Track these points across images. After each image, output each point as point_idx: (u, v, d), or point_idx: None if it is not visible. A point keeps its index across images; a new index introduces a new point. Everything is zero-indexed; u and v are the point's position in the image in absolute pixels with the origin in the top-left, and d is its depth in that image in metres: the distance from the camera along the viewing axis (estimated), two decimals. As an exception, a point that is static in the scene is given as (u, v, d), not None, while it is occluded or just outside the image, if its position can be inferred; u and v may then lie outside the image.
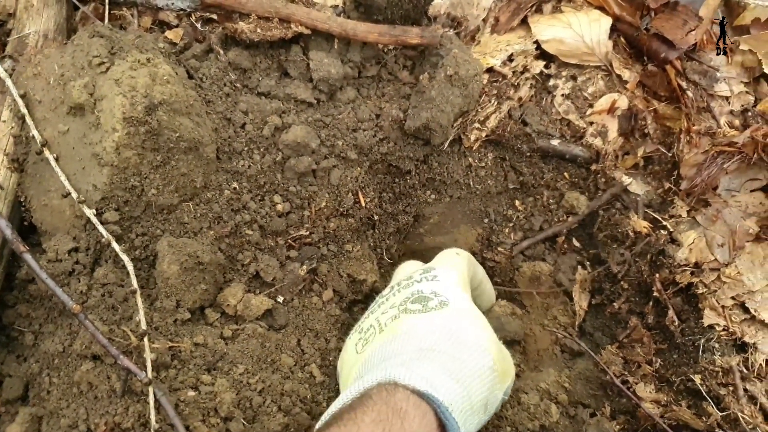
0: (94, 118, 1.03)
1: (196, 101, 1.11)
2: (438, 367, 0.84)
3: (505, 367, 0.95)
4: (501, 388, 0.92)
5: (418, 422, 0.74)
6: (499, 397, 0.92)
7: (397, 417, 0.73)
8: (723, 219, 1.18)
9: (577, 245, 1.30)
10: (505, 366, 0.94)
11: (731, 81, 1.26)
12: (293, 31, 1.18)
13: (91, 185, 1.03)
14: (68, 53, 1.07)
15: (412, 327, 0.93)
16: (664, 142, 1.28)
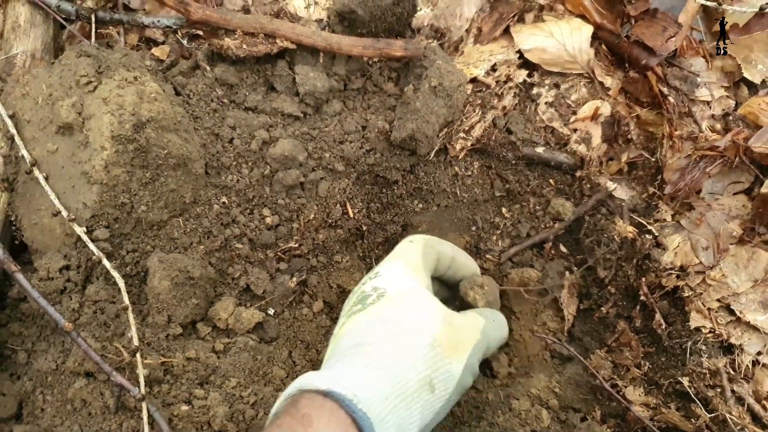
0: (82, 136, 1.04)
1: (184, 118, 1.12)
2: (361, 359, 0.86)
3: (457, 340, 0.93)
4: (452, 363, 0.91)
5: (325, 422, 0.73)
6: (453, 371, 0.91)
7: (299, 424, 0.72)
8: (707, 222, 1.20)
9: (564, 251, 1.31)
10: (455, 339, 0.93)
11: (712, 86, 1.28)
12: (279, 46, 1.19)
13: (81, 203, 1.04)
14: (56, 73, 1.08)
15: (353, 327, 0.95)
16: (648, 147, 1.30)
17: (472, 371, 0.96)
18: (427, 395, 0.86)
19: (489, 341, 1.01)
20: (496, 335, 1.05)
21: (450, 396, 0.90)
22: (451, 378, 0.90)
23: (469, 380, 0.95)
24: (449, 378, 0.90)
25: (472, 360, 0.95)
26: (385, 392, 0.80)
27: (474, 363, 0.95)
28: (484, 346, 0.99)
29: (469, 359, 0.93)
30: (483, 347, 0.99)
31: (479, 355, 0.97)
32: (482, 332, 0.99)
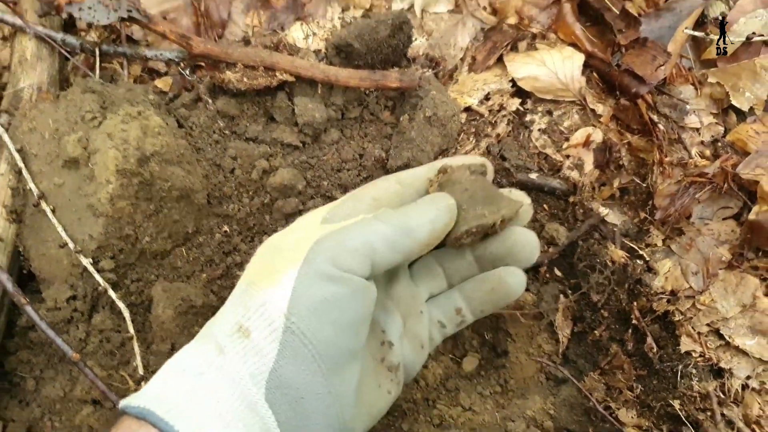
0: (88, 170, 1.07)
1: (187, 150, 1.15)
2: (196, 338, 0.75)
3: (273, 265, 0.73)
4: (266, 293, 0.70)
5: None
6: (270, 301, 0.69)
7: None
8: (697, 247, 1.23)
9: (558, 274, 1.34)
10: (271, 265, 0.73)
11: (701, 113, 1.31)
12: (278, 79, 1.22)
13: (87, 235, 1.08)
14: (62, 108, 1.12)
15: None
16: (639, 173, 1.33)
17: (324, 277, 0.70)
18: (242, 343, 0.67)
19: (358, 243, 0.73)
20: (380, 232, 0.75)
21: (294, 327, 0.68)
22: (272, 308, 0.68)
23: (327, 289, 0.69)
24: (266, 311, 0.68)
25: (312, 270, 0.70)
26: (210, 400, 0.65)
27: (322, 271, 0.70)
28: (341, 250, 0.72)
29: (301, 274, 0.70)
30: (336, 253, 0.72)
31: (342, 261, 0.71)
32: (323, 240, 0.73)
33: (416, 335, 0.89)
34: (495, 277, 0.90)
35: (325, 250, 0.72)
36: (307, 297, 0.69)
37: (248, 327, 0.69)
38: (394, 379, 0.84)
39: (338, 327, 0.70)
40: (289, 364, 0.67)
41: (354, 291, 0.71)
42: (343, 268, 0.71)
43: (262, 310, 0.69)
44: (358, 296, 0.72)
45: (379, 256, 0.74)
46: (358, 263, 0.72)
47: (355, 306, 0.72)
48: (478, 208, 0.82)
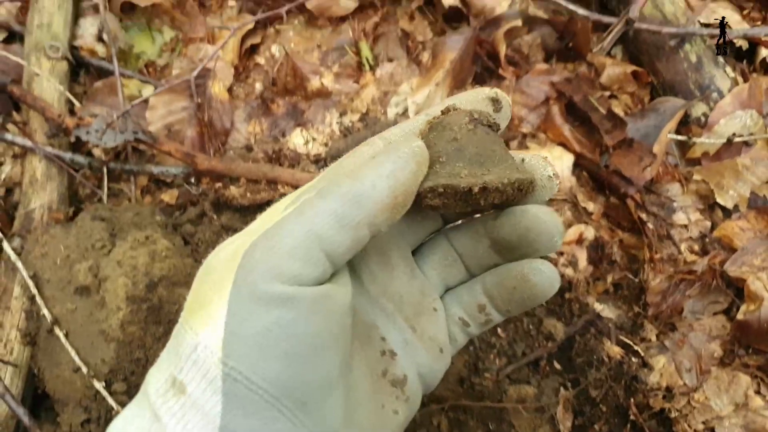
0: (99, 297, 1.11)
1: (194, 269, 1.20)
2: None
3: (198, 300, 0.54)
4: (195, 332, 0.52)
5: None
6: (202, 343, 0.51)
7: None
8: (689, 343, 1.26)
9: (558, 368, 1.38)
10: (196, 299, 0.55)
11: (688, 209, 1.36)
12: (280, 192, 1.27)
13: (99, 359, 1.11)
14: (72, 235, 1.17)
15: None
16: (631, 268, 1.37)
17: (261, 298, 0.51)
18: (179, 402, 0.52)
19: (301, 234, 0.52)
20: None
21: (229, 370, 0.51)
22: (205, 353, 0.51)
23: (266, 317, 0.51)
24: (199, 358, 0.52)
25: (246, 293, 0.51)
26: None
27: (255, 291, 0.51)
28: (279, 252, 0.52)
29: (232, 303, 0.51)
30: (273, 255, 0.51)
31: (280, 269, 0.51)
32: (253, 249, 0.52)
33: (432, 338, 0.69)
34: (517, 273, 0.66)
35: (256, 262, 0.52)
36: (244, 331, 0.51)
37: (183, 381, 0.52)
38: (400, 396, 0.66)
39: (293, 359, 0.52)
40: (240, 417, 0.51)
41: (307, 307, 0.52)
42: (285, 278, 0.51)
43: (194, 357, 0.52)
44: (317, 311, 0.52)
45: (331, 244, 0.53)
46: (303, 265, 0.52)
47: (313, 326, 0.52)
48: (457, 165, 0.61)
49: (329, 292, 0.54)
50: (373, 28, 1.56)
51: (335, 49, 1.55)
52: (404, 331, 0.68)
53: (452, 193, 0.60)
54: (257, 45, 1.55)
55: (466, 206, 0.63)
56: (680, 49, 1.43)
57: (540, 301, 0.67)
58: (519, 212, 0.63)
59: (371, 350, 0.66)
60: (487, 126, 0.64)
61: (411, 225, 0.69)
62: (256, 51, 1.55)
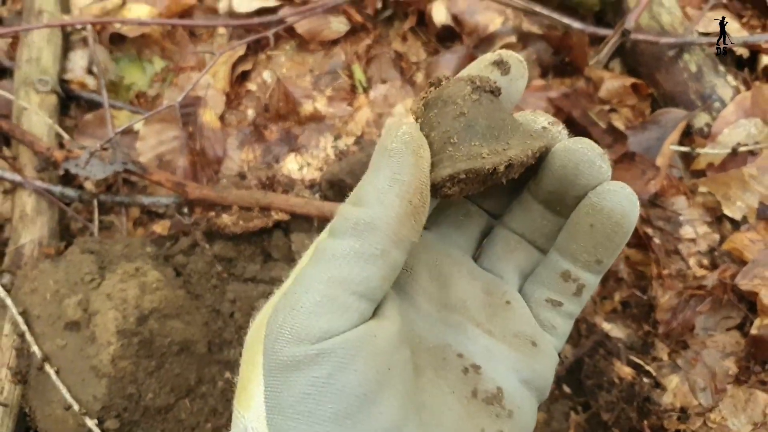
0: (89, 332, 1.08)
1: (185, 300, 1.17)
2: None
3: (241, 381, 0.50)
4: (240, 422, 0.48)
5: None
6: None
7: None
8: (702, 361, 1.22)
9: (567, 391, 1.33)
10: (240, 379, 0.51)
11: (695, 223, 1.32)
12: (274, 219, 1.24)
13: (91, 396, 1.08)
14: (62, 269, 1.14)
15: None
16: (638, 285, 1.33)
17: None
18: None
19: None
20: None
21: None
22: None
23: (302, 380, 0.46)
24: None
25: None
26: None
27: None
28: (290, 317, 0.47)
29: (267, 376, 0.47)
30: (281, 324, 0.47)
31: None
32: (276, 314, 0.48)
33: (516, 334, 0.58)
34: (586, 209, 0.55)
35: (280, 328, 0.47)
36: (283, 403, 0.47)
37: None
38: (501, 413, 0.55)
39: (344, 416, 0.46)
40: None
41: (342, 357, 0.47)
42: (315, 338, 0.47)
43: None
44: (355, 357, 0.47)
45: (360, 283, 0.48)
46: (332, 318, 0.47)
47: (354, 375, 0.46)
48: (474, 143, 0.53)
49: (367, 331, 0.48)
50: (365, 50, 1.54)
51: (327, 73, 1.53)
52: (480, 338, 0.58)
53: (474, 177, 0.53)
54: (248, 72, 1.53)
55: (484, 186, 0.56)
56: (679, 60, 1.40)
57: (627, 227, 0.55)
58: (549, 158, 0.56)
59: (451, 373, 0.56)
60: (490, 93, 0.56)
61: (457, 226, 0.61)
62: (247, 78, 1.53)
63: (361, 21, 1.54)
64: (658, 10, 1.44)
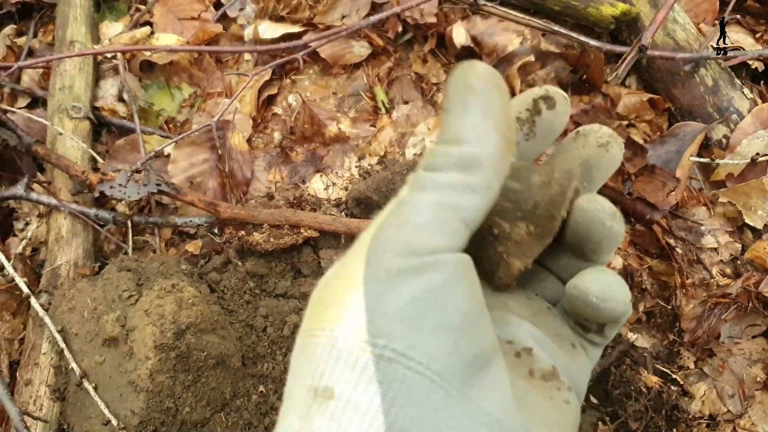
0: (127, 348, 1.11)
1: (220, 315, 1.19)
2: None
3: (324, 307, 0.47)
4: (323, 340, 0.45)
5: None
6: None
7: None
8: (729, 368, 1.23)
9: (594, 401, 1.34)
10: (319, 309, 0.47)
11: (716, 232, 1.34)
12: (303, 236, 1.27)
13: (129, 411, 1.10)
14: (99, 287, 1.17)
15: None
16: (662, 295, 1.34)
17: None
18: (329, 410, 0.43)
19: None
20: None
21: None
22: (348, 343, 0.44)
23: (414, 285, 0.45)
24: (342, 351, 0.44)
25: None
26: None
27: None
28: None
29: (368, 285, 0.45)
30: None
31: None
32: (379, 233, 0.47)
33: (558, 334, 0.58)
34: (569, 296, 0.56)
35: (389, 239, 0.46)
36: (390, 305, 0.44)
37: (326, 385, 0.44)
38: (561, 387, 0.54)
39: (449, 329, 0.45)
40: (406, 406, 0.43)
41: (454, 271, 0.46)
42: (424, 252, 0.46)
43: (336, 354, 0.44)
44: (464, 276, 0.46)
45: (467, 210, 0.47)
46: (442, 237, 0.46)
47: (463, 291, 0.46)
48: (524, 226, 0.54)
49: (466, 258, 0.47)
50: (386, 73, 1.58)
51: (351, 95, 1.57)
52: (526, 327, 0.57)
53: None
54: (274, 96, 1.57)
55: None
56: (695, 74, 1.43)
57: (611, 312, 0.53)
58: (569, 214, 0.56)
59: (505, 357, 0.53)
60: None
61: None
62: (273, 102, 1.57)
63: (382, 44, 1.58)
64: (673, 26, 1.47)
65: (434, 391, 0.43)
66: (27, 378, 1.19)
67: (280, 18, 1.62)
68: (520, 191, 0.53)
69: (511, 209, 0.53)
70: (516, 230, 0.53)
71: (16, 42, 1.65)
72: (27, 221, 1.39)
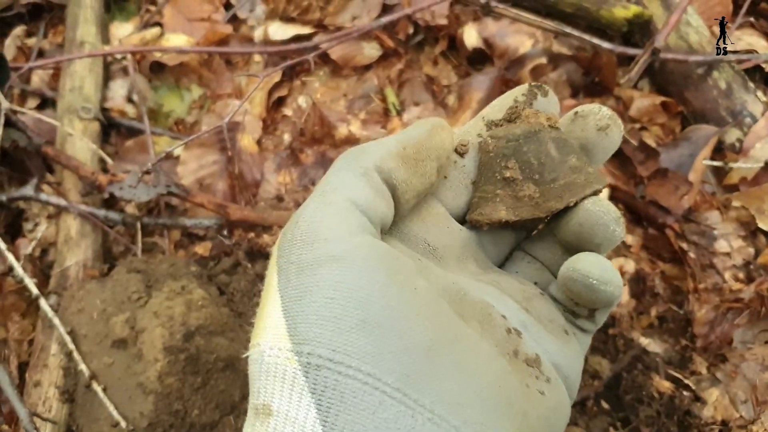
0: (136, 350, 1.10)
1: (229, 318, 1.19)
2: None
3: (256, 321, 0.46)
4: (255, 355, 0.43)
5: None
6: None
7: None
8: (742, 374, 1.22)
9: (606, 407, 1.33)
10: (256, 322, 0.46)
11: (729, 237, 1.33)
12: (313, 238, 1.27)
13: (138, 413, 1.10)
14: (108, 288, 1.16)
15: None
16: (675, 300, 1.33)
17: None
18: (268, 427, 0.42)
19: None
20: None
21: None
22: (273, 354, 0.42)
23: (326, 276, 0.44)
24: (270, 362, 0.42)
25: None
26: None
27: None
28: None
29: (282, 289, 0.44)
30: None
31: None
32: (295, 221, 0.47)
33: (551, 320, 0.57)
34: (563, 279, 0.56)
35: (292, 237, 0.46)
36: (307, 309, 0.43)
37: (264, 402, 0.42)
38: (540, 377, 0.53)
39: (373, 326, 0.43)
40: (342, 414, 0.41)
41: (367, 263, 0.44)
42: (327, 238, 0.45)
43: (265, 369, 0.42)
44: (378, 268, 0.45)
45: (364, 202, 0.48)
46: (349, 222, 0.46)
47: (379, 285, 0.44)
48: (528, 187, 0.55)
49: (388, 249, 0.46)
50: (397, 75, 1.58)
51: (361, 97, 1.56)
52: (519, 312, 0.56)
53: (517, 222, 0.56)
54: (284, 97, 1.57)
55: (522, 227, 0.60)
56: (709, 77, 1.42)
57: (603, 294, 0.53)
58: (571, 210, 0.56)
59: (496, 329, 0.54)
60: (557, 129, 0.57)
61: (492, 237, 0.61)
62: (283, 103, 1.57)
63: (393, 46, 1.58)
64: (686, 29, 1.46)
65: (369, 393, 0.41)
66: (36, 379, 1.18)
67: (291, 19, 1.61)
68: (552, 159, 0.54)
69: (534, 168, 0.54)
70: (524, 186, 0.54)
71: (26, 43, 1.65)
72: (36, 222, 1.39)
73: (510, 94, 0.60)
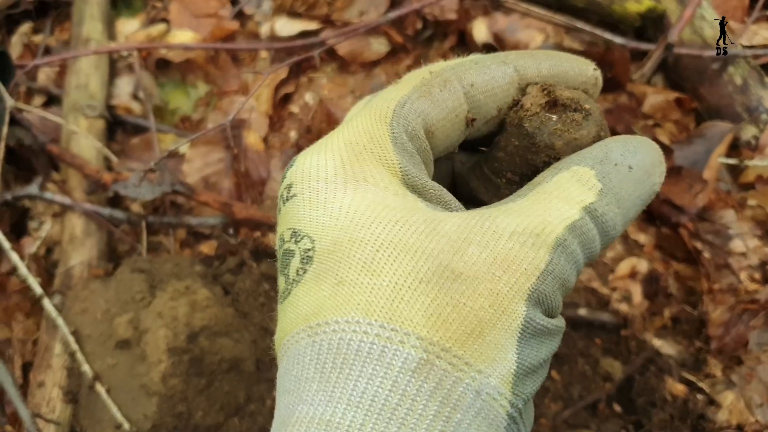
0: (140, 350, 1.09)
1: (234, 318, 1.17)
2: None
3: (471, 316, 0.34)
4: (472, 377, 0.34)
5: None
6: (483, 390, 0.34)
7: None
8: (758, 377, 1.19)
9: (618, 410, 1.31)
10: (464, 314, 0.34)
11: (745, 236, 1.30)
12: (319, 237, 1.25)
13: (141, 414, 1.08)
14: (112, 288, 1.15)
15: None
16: (689, 300, 1.31)
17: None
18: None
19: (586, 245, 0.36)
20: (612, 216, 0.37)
21: None
22: (491, 397, 0.33)
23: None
24: (484, 406, 0.33)
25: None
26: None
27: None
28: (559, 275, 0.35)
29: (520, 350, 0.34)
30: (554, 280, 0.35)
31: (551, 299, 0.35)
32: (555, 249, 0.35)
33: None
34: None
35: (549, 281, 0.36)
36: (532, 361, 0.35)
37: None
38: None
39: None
40: None
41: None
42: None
43: (478, 407, 0.33)
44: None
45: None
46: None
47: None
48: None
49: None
50: (405, 71, 1.55)
51: (369, 94, 1.54)
52: None
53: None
54: (291, 94, 1.55)
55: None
56: (724, 73, 1.39)
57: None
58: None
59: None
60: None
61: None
62: (289, 100, 1.55)
63: (402, 42, 1.55)
64: (701, 24, 1.43)
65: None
66: (40, 380, 1.17)
67: (297, 15, 1.59)
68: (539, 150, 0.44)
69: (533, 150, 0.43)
70: (506, 177, 0.46)
71: (33, 40, 1.64)
72: (41, 221, 1.38)
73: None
